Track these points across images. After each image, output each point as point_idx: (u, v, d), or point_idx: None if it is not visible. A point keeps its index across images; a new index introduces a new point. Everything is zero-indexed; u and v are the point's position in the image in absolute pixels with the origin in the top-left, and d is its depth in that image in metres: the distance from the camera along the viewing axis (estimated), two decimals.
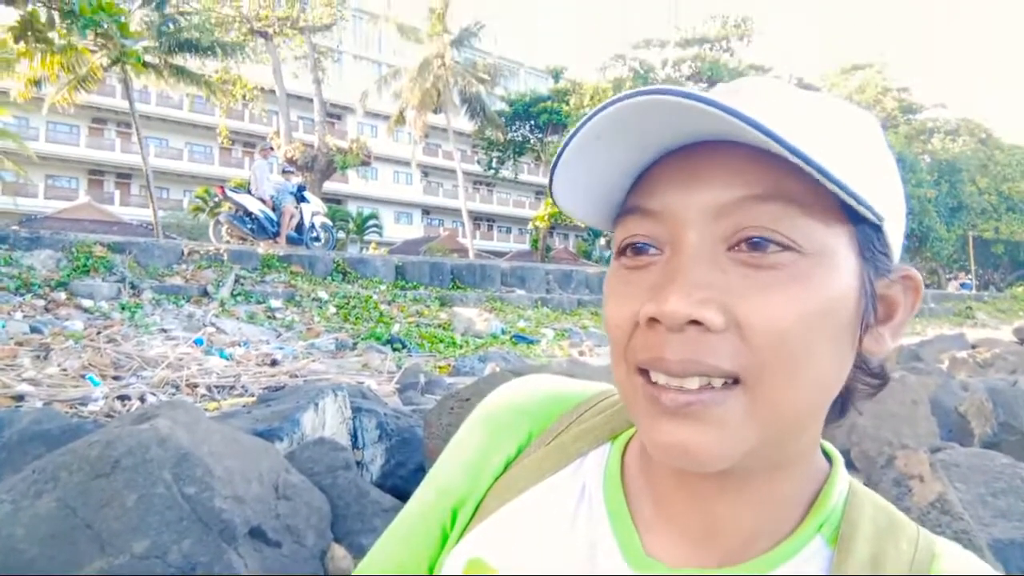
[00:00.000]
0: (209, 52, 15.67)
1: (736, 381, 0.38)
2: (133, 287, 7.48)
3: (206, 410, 3.81)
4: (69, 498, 1.71)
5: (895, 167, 0.44)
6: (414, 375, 5.03)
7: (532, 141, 27.87)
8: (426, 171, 41.28)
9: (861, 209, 0.38)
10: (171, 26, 15.20)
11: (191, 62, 16.04)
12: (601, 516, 0.48)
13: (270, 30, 19.74)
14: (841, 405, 0.45)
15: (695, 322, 0.37)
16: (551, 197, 0.43)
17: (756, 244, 0.38)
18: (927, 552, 0.43)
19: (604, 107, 0.38)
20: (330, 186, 28.10)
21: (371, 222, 29.33)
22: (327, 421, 2.87)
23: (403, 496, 2.45)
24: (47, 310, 6.47)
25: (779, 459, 0.43)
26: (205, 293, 7.80)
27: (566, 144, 0.40)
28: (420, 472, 2.60)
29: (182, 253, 8.86)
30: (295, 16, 20.11)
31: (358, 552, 2.08)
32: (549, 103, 26.98)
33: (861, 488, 0.47)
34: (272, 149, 12.88)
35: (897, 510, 0.46)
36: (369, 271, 10.32)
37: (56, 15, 9.02)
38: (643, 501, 0.48)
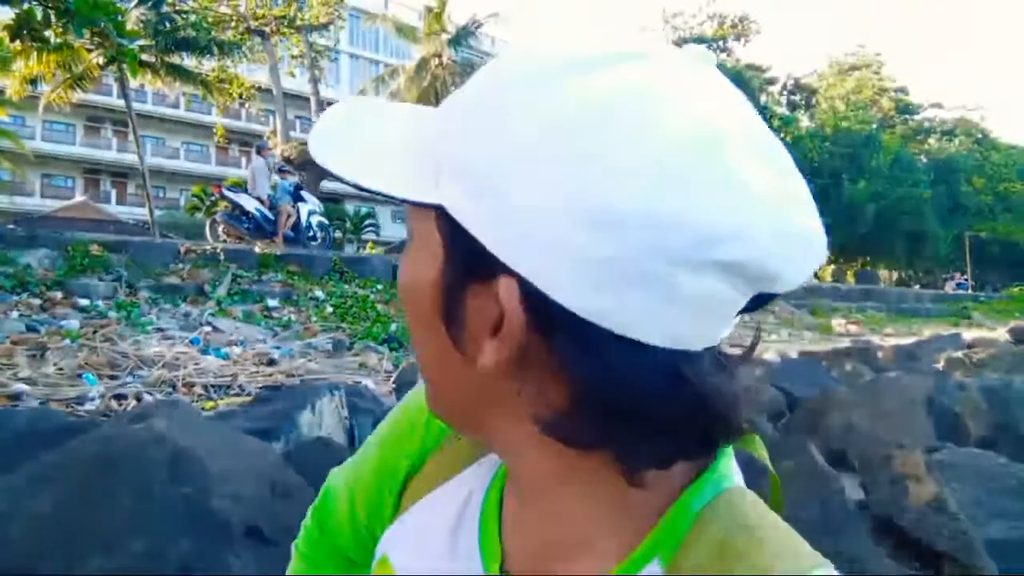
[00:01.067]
0: (206, 51, 15.60)
1: None
2: (130, 286, 7.46)
3: (203, 409, 3.81)
4: (66, 497, 1.70)
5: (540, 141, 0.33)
6: (411, 374, 5.02)
7: None
8: None
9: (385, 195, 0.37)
10: (168, 24, 15.13)
11: (188, 61, 15.99)
12: (476, 524, 0.46)
13: (267, 29, 19.67)
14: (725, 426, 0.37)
15: None
16: None
17: None
18: None
19: None
20: (327, 185, 27.99)
21: (368, 221, 29.20)
22: (324, 421, 2.87)
23: None
24: (43, 309, 6.45)
25: (514, 460, 0.42)
26: (202, 292, 7.78)
27: None
28: None
29: (179, 252, 8.82)
30: (292, 15, 20.05)
31: None
32: None
33: (728, 500, 0.38)
34: (269, 149, 12.84)
35: (770, 526, 0.37)
36: (366, 270, 10.29)
37: (52, 13, 8.99)
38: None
